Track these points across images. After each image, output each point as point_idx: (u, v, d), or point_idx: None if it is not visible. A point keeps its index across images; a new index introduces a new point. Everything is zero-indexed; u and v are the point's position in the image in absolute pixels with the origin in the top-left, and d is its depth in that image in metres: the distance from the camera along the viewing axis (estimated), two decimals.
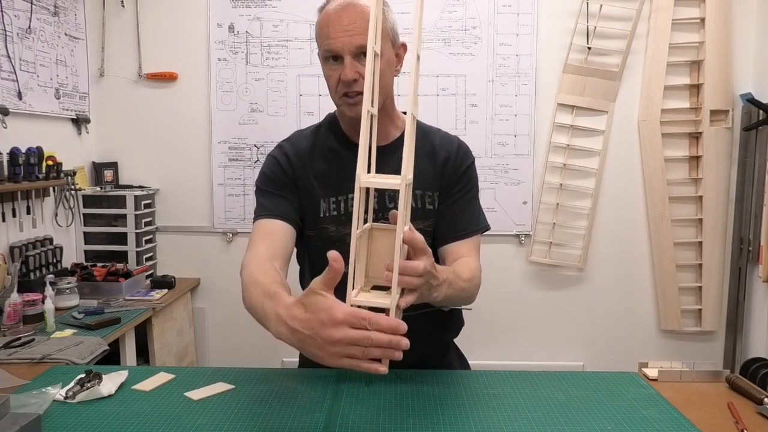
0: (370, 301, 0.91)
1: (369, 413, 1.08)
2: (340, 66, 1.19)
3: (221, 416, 1.07)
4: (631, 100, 2.81)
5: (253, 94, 2.86)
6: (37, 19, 2.41)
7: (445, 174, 1.30)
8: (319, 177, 1.29)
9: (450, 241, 1.29)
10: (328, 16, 1.19)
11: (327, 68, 1.22)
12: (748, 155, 2.70)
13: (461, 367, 1.48)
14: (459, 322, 1.46)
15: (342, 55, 1.18)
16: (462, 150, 1.34)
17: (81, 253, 2.74)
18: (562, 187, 2.83)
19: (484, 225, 1.35)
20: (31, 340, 1.67)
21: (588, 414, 1.08)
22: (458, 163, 1.32)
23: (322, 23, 1.20)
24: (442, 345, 1.44)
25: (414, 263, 0.94)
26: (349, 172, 1.18)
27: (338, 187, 1.28)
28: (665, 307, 2.85)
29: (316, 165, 1.30)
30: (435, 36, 2.79)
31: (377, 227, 1.01)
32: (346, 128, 1.32)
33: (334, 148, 1.31)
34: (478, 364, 1.45)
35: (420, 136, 1.29)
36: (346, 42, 1.16)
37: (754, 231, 2.64)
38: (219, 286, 2.94)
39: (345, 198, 1.28)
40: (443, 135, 1.36)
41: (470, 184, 1.33)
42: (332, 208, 1.28)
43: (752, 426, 1.05)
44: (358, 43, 1.16)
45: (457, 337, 1.49)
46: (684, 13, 2.73)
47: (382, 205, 1.27)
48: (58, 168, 2.41)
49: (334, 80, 1.20)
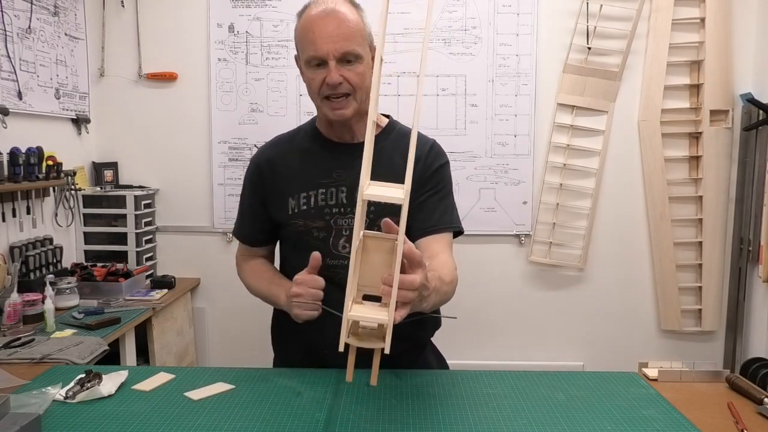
0: (367, 317, 0.92)
1: (369, 413, 1.08)
2: (323, 70, 1.24)
3: (221, 416, 1.07)
4: (631, 100, 2.81)
5: (253, 94, 2.86)
6: (37, 19, 2.40)
7: (416, 171, 1.33)
8: (289, 177, 1.36)
9: (422, 236, 1.32)
10: (312, 22, 1.24)
11: (310, 72, 1.27)
12: (748, 155, 2.70)
13: (438, 366, 1.50)
14: (434, 321, 1.48)
15: (327, 60, 1.23)
16: (434, 150, 1.39)
17: (81, 253, 2.74)
18: (562, 187, 2.83)
19: (457, 225, 1.38)
20: (31, 340, 1.67)
21: (588, 414, 1.08)
22: (429, 163, 1.36)
23: (306, 29, 1.25)
24: (417, 344, 1.47)
25: (411, 277, 0.96)
26: (319, 168, 1.34)
27: (308, 183, 1.35)
28: (665, 307, 2.85)
29: (288, 166, 1.38)
30: (435, 36, 2.79)
31: (370, 235, 1.00)
32: (324, 128, 1.38)
33: (308, 148, 1.38)
34: (478, 364, 1.46)
35: (397, 137, 1.38)
36: (331, 48, 1.22)
37: (754, 231, 2.64)
38: (219, 286, 2.94)
39: (315, 193, 1.34)
40: (419, 136, 1.39)
41: (441, 183, 1.38)
42: (302, 203, 1.34)
43: (752, 426, 1.05)
44: (342, 49, 1.22)
45: (433, 336, 1.52)
46: (684, 13, 2.73)
47: (351, 200, 1.32)
48: (58, 168, 2.41)
49: (317, 83, 1.26)
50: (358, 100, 1.27)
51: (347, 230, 1.33)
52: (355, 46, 1.23)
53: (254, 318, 1.53)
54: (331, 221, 1.33)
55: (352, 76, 1.24)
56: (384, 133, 1.38)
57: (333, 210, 1.33)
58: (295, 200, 1.35)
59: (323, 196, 1.33)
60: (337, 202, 1.33)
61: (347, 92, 1.25)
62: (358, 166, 1.25)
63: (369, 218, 1.32)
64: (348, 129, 1.34)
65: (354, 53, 1.23)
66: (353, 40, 1.23)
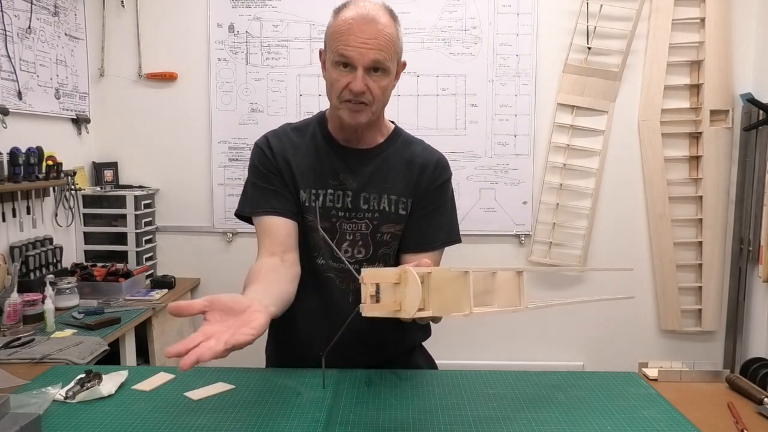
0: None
1: (369, 413, 1.08)
2: (350, 74, 1.21)
3: (221, 416, 1.06)
4: (631, 100, 2.81)
5: (253, 94, 2.86)
6: (37, 19, 2.40)
7: (420, 184, 1.35)
8: (301, 169, 1.34)
9: (413, 252, 1.34)
10: (349, 24, 1.20)
11: (336, 72, 1.23)
12: (748, 155, 2.70)
13: (428, 368, 1.50)
14: (424, 327, 1.49)
15: (355, 65, 1.20)
16: (441, 165, 1.38)
17: (81, 253, 2.74)
18: (562, 187, 2.83)
19: (451, 239, 1.38)
20: (31, 340, 1.67)
21: (588, 414, 1.08)
22: (434, 176, 1.36)
23: (342, 29, 1.21)
24: (407, 348, 1.47)
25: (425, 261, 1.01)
26: (328, 168, 1.33)
27: (318, 181, 1.33)
28: (665, 307, 2.85)
29: (299, 158, 1.34)
30: (435, 36, 2.79)
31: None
32: (333, 129, 1.36)
33: (319, 145, 1.35)
34: (478, 364, 1.46)
35: (402, 145, 1.37)
36: (363, 53, 1.19)
37: (754, 231, 2.64)
38: (219, 286, 2.94)
39: (324, 192, 1.33)
40: (425, 146, 1.41)
41: (442, 199, 1.37)
42: (312, 200, 1.33)
43: (752, 426, 1.05)
44: (373, 58, 1.20)
45: (425, 341, 1.52)
46: (684, 13, 2.73)
47: (356, 205, 1.32)
48: (58, 168, 2.41)
49: (340, 85, 1.23)
50: (374, 111, 1.26)
51: (351, 234, 1.33)
52: (386, 59, 1.21)
53: None
54: (337, 224, 1.32)
55: (375, 88, 1.22)
56: (390, 140, 1.38)
57: (339, 213, 1.32)
58: (307, 194, 1.32)
59: (331, 197, 1.33)
60: (343, 206, 1.33)
61: (366, 102, 1.24)
62: (364, 172, 1.31)
63: (373, 224, 1.33)
64: (357, 134, 1.33)
65: (384, 66, 1.22)
66: (386, 52, 1.21)
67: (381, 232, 1.33)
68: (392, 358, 1.41)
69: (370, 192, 1.32)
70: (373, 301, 0.94)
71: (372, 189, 1.32)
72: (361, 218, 1.32)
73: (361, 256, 1.33)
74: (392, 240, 1.34)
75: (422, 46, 2.79)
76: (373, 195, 1.32)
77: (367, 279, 0.93)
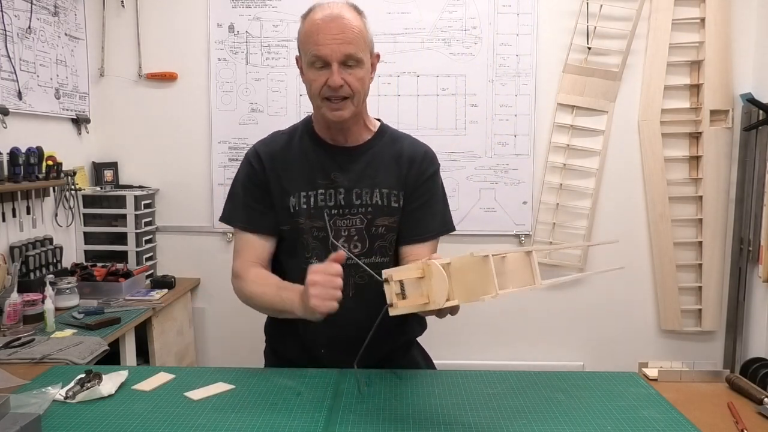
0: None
1: (369, 413, 1.09)
2: (326, 72, 1.27)
3: (221, 416, 1.07)
4: (631, 100, 2.80)
5: (253, 94, 2.86)
6: (37, 19, 2.40)
7: (410, 176, 1.40)
8: (290, 175, 1.38)
9: (409, 243, 1.39)
10: (317, 25, 1.26)
11: (312, 73, 1.29)
12: (748, 155, 2.70)
13: (425, 365, 1.53)
14: (421, 320, 1.50)
15: (330, 62, 1.26)
16: (428, 157, 1.44)
17: (81, 253, 2.74)
18: (562, 187, 2.83)
19: (444, 228, 1.44)
20: (31, 340, 1.67)
21: (588, 414, 1.08)
22: (423, 169, 1.41)
23: (311, 31, 1.27)
24: (404, 343, 1.49)
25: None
26: (318, 169, 1.37)
27: (308, 183, 1.37)
28: (665, 307, 2.85)
29: (288, 164, 1.39)
30: (435, 36, 2.79)
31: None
32: (320, 129, 1.40)
33: (306, 148, 1.40)
34: (478, 364, 1.46)
35: (389, 141, 1.42)
36: (335, 49, 1.25)
37: (754, 231, 2.64)
38: (219, 286, 2.94)
39: (315, 193, 1.36)
40: (412, 141, 1.46)
41: (432, 190, 1.42)
42: (302, 202, 1.36)
43: (752, 426, 1.05)
44: (345, 51, 1.25)
45: (420, 336, 1.54)
46: (684, 13, 2.73)
47: (348, 201, 1.36)
48: (58, 168, 2.41)
49: (318, 84, 1.28)
50: (355, 103, 1.31)
51: (346, 230, 1.35)
52: (358, 51, 1.26)
53: (254, 318, 1.51)
54: (331, 222, 1.34)
55: (352, 81, 1.27)
56: (377, 136, 1.42)
57: (332, 211, 1.35)
58: (296, 198, 1.36)
59: (322, 197, 1.36)
60: (336, 204, 1.36)
61: (346, 95, 1.28)
62: (354, 169, 1.36)
63: (367, 218, 1.35)
64: (343, 132, 1.37)
65: (356, 57, 1.27)
66: (356, 45, 1.26)
67: (376, 226, 1.37)
68: (391, 353, 1.43)
69: (362, 187, 1.36)
70: (399, 298, 0.97)
71: (363, 184, 1.36)
72: (355, 213, 1.36)
73: (357, 250, 1.35)
74: (387, 232, 1.38)
75: (422, 46, 2.79)
76: (366, 190, 1.36)
77: (393, 277, 0.95)
